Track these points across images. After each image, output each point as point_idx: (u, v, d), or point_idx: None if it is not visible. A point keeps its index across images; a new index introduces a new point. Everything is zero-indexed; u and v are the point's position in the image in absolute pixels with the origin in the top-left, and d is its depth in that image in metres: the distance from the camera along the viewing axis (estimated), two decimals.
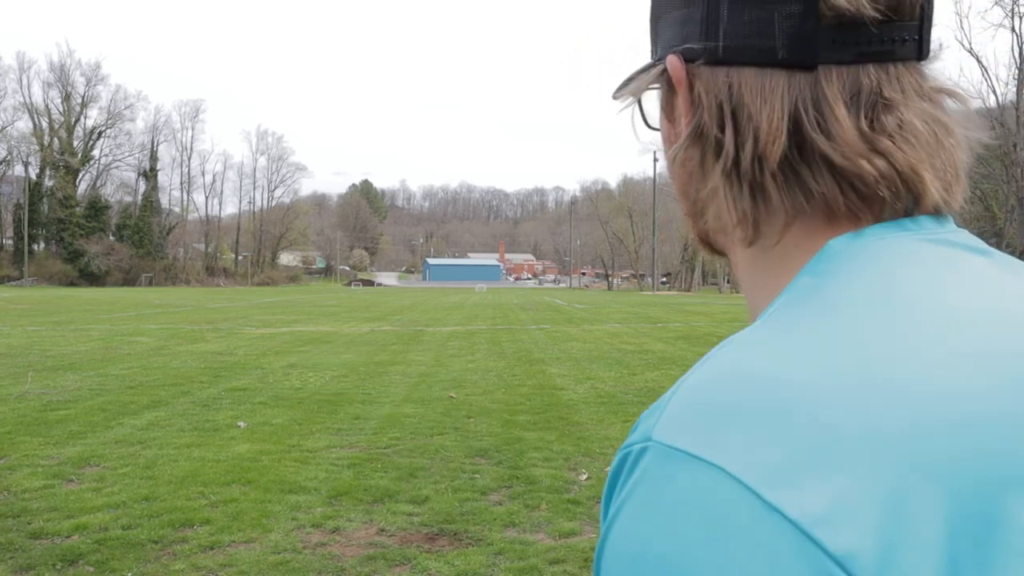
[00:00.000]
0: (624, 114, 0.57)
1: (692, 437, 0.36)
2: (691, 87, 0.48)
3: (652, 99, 0.55)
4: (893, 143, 0.44)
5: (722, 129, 0.47)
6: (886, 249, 0.44)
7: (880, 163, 0.44)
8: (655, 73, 0.52)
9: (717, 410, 0.36)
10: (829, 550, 0.31)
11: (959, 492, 0.33)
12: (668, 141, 0.53)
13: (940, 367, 0.36)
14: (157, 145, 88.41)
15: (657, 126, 0.56)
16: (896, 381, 0.36)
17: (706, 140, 0.48)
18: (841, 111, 0.44)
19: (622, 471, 0.39)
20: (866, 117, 0.44)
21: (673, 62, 0.49)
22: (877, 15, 0.43)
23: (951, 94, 0.48)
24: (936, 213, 0.47)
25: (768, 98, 0.45)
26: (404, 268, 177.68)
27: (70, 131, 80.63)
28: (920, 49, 0.46)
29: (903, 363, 0.36)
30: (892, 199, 0.45)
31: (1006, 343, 0.38)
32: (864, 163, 0.44)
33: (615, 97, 0.56)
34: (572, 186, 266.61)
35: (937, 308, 0.40)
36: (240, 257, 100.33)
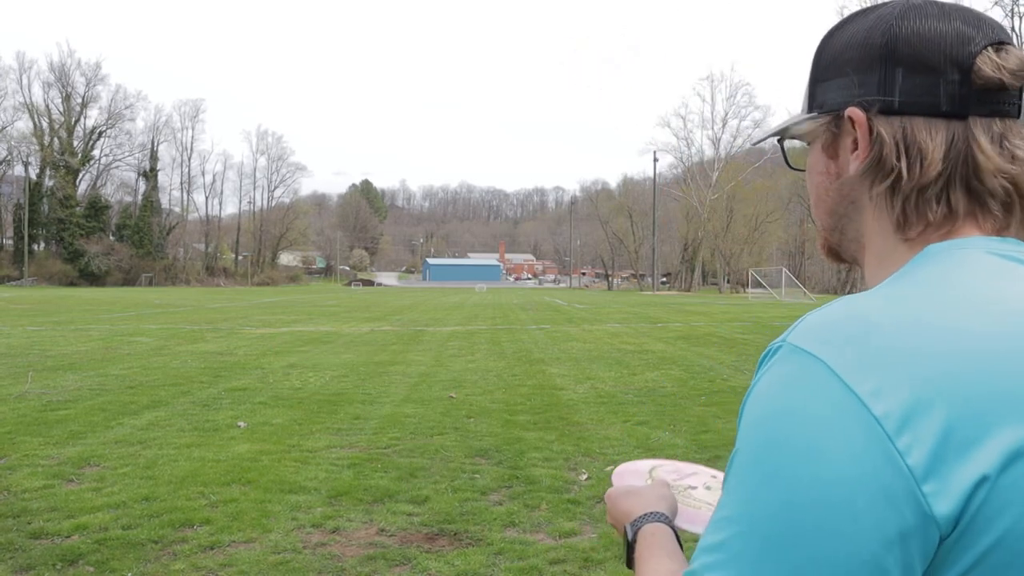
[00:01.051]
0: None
1: (810, 342, 0.59)
2: (870, 130, 0.68)
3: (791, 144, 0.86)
4: (1017, 166, 0.66)
5: (898, 159, 0.67)
6: (962, 254, 0.65)
7: (1004, 184, 0.66)
8: (824, 121, 0.73)
9: (827, 330, 0.59)
10: (873, 412, 0.54)
11: (957, 403, 0.54)
12: (825, 173, 0.75)
13: (969, 323, 0.58)
14: (157, 145, 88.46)
15: (799, 166, 0.86)
16: (935, 325, 0.57)
17: (881, 168, 0.68)
18: (987, 144, 0.65)
19: (767, 357, 0.62)
20: (999, 150, 0.66)
21: (857, 112, 0.69)
22: (1000, 89, 0.66)
23: None
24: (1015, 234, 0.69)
25: (934, 138, 0.66)
26: (404, 268, 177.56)
27: (70, 131, 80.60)
28: (1019, 111, 0.68)
29: (944, 317, 0.58)
30: (1004, 215, 0.67)
31: None
32: (994, 180, 0.66)
33: (757, 143, 0.90)
34: (572, 186, 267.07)
35: (983, 294, 0.60)
36: (240, 257, 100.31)
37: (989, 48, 0.66)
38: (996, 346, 0.56)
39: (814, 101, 0.74)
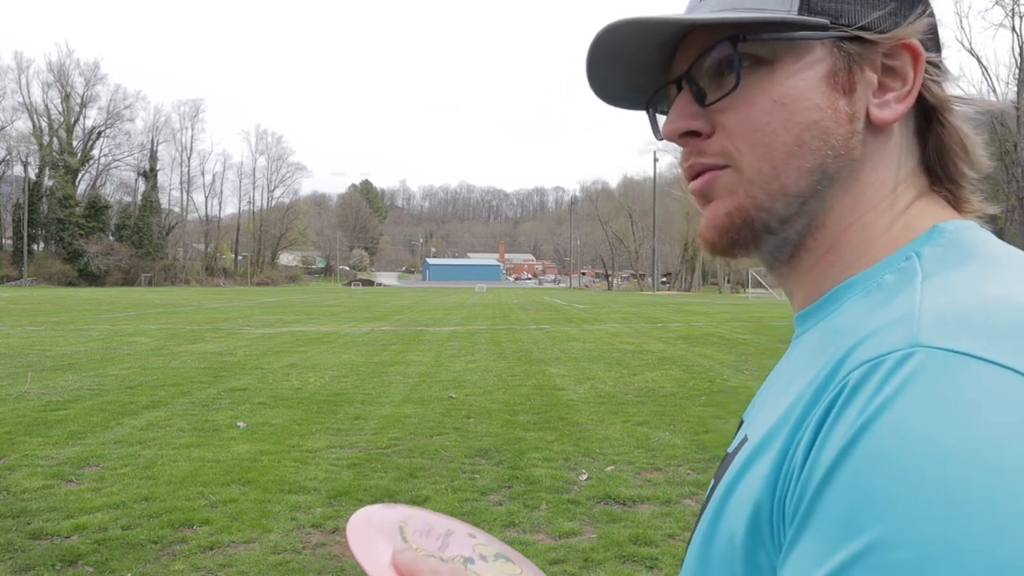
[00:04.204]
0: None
1: (981, 345, 0.38)
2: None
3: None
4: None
5: (945, 112, 0.53)
6: (977, 233, 0.51)
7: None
8: (835, 39, 0.52)
9: (991, 327, 0.39)
10: None
11: None
12: (828, 109, 0.52)
13: None
14: (157, 145, 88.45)
15: (781, 100, 0.53)
16: None
17: (916, 121, 0.54)
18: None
19: (870, 377, 0.39)
20: None
21: (917, 46, 0.52)
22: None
23: None
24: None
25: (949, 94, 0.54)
26: (404, 268, 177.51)
27: (69, 131, 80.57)
28: None
29: None
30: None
31: None
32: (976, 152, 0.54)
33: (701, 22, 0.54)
34: (572, 186, 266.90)
35: None
36: (240, 257, 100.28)
37: None
38: None
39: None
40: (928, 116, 0.54)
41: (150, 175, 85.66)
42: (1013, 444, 0.34)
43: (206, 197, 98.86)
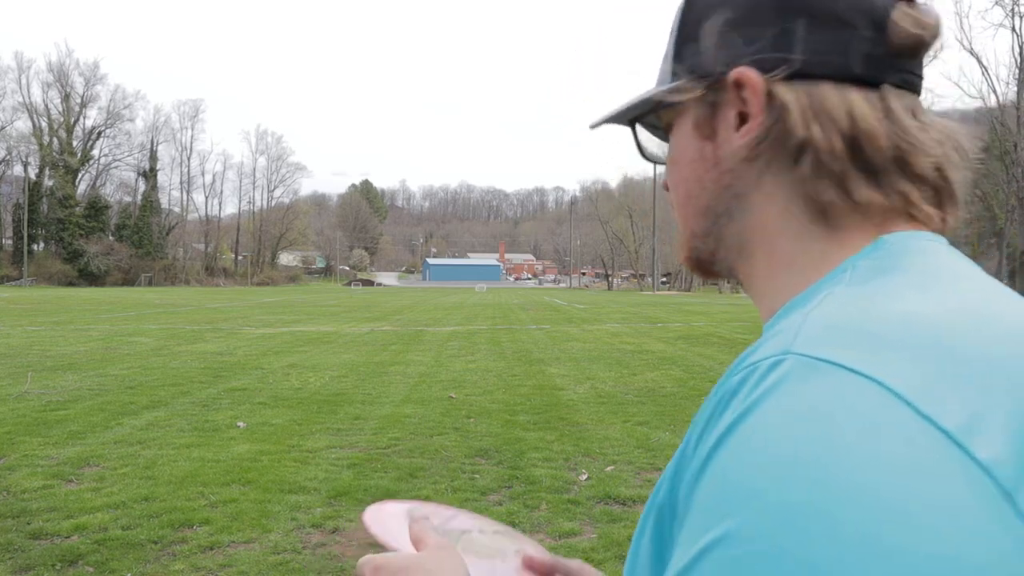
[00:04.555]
0: (630, 130, 0.66)
1: (847, 354, 0.40)
2: (769, 97, 0.52)
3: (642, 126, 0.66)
4: (943, 152, 0.53)
5: (808, 130, 0.51)
6: (925, 243, 0.51)
7: (932, 174, 0.53)
8: (696, 91, 0.56)
9: (865, 336, 0.41)
10: (977, 457, 0.36)
11: None
12: (699, 160, 0.57)
13: (1006, 313, 0.45)
14: (157, 145, 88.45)
15: (654, 151, 0.67)
16: (990, 318, 0.44)
17: (782, 144, 0.52)
18: (909, 120, 0.52)
19: (745, 382, 0.42)
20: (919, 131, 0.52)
21: (750, 74, 0.52)
22: (912, 53, 0.53)
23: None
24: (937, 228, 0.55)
25: (849, 106, 0.51)
26: (404, 268, 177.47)
27: (69, 131, 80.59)
28: (920, 87, 0.55)
29: (988, 307, 0.45)
30: (936, 208, 0.53)
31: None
32: (924, 164, 0.52)
33: (595, 126, 0.68)
34: (572, 186, 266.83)
35: (979, 282, 0.48)
36: (240, 257, 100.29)
37: (903, 2, 0.53)
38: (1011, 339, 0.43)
39: (681, 64, 0.57)
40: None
41: (150, 175, 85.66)
42: (848, 452, 0.36)
43: (206, 197, 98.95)
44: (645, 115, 0.63)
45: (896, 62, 0.53)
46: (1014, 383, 0.39)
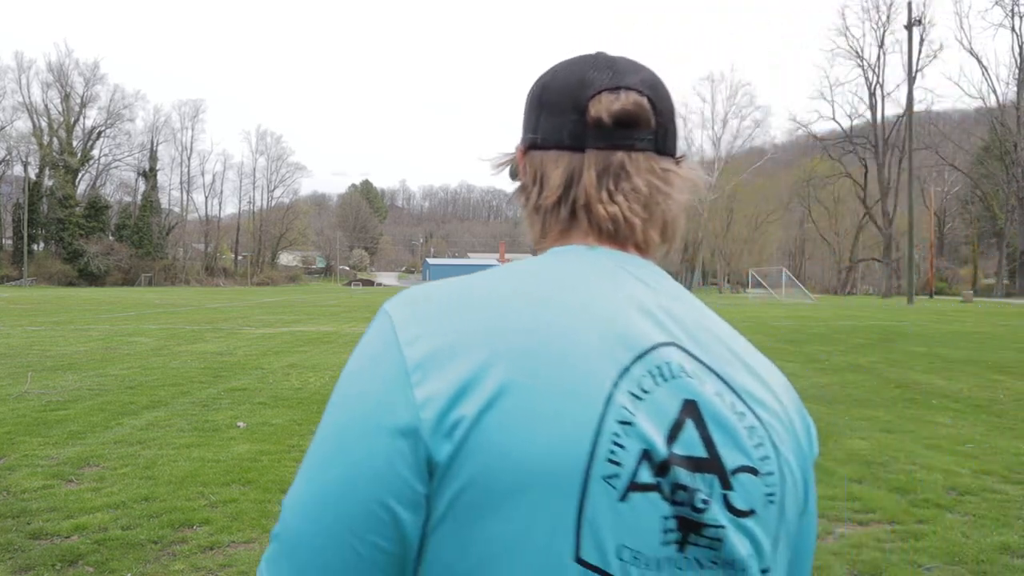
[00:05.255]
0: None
1: (392, 304, 0.72)
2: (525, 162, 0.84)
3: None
4: (624, 199, 0.77)
5: (533, 184, 0.82)
6: (562, 254, 0.77)
7: (611, 209, 0.77)
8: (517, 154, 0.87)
9: (408, 295, 0.73)
10: (403, 352, 0.67)
11: (474, 350, 0.66)
12: (522, 192, 0.87)
13: (507, 286, 0.72)
14: (157, 145, 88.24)
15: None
16: (519, 294, 0.70)
17: (527, 192, 0.83)
18: (591, 178, 0.77)
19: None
20: (612, 181, 0.77)
21: (519, 148, 0.85)
22: (612, 126, 0.76)
23: (681, 174, 0.81)
24: (639, 247, 0.79)
25: (557, 167, 0.79)
26: (404, 268, 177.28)
27: (69, 131, 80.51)
28: (657, 145, 0.79)
29: (493, 285, 0.72)
30: (613, 233, 0.78)
31: (570, 303, 0.70)
32: (600, 207, 0.77)
33: (496, 170, 0.93)
34: None
35: (534, 270, 0.74)
36: (240, 257, 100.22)
37: (605, 92, 0.76)
38: (522, 304, 0.69)
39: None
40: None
41: (150, 175, 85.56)
42: (358, 345, 0.72)
43: (206, 197, 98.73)
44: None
45: (603, 132, 0.77)
46: (475, 327, 0.67)
